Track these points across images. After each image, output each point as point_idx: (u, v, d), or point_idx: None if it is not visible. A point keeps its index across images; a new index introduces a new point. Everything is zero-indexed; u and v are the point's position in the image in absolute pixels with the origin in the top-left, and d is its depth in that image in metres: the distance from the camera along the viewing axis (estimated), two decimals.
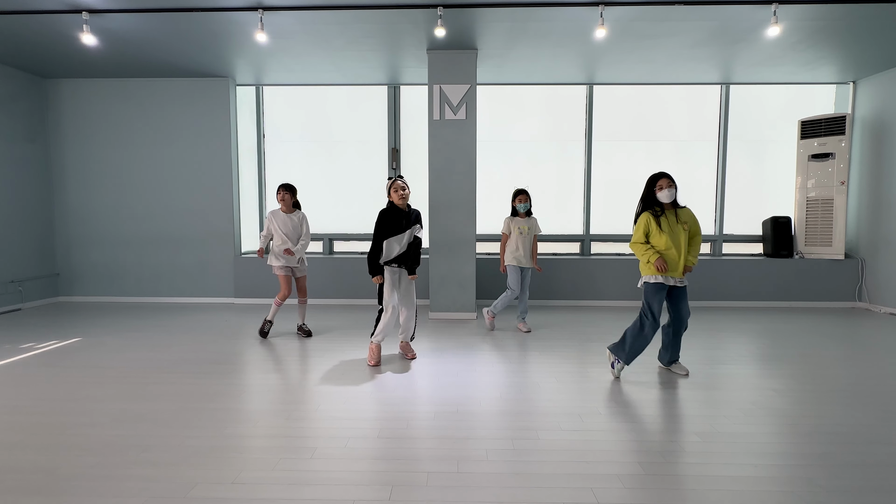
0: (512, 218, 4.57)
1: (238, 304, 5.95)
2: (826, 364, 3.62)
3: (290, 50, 4.95)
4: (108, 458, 2.18)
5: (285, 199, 4.22)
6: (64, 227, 6.12)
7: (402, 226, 3.47)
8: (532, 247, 4.52)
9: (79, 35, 4.35)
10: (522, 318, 4.63)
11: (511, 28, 4.41)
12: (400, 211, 3.48)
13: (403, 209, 3.48)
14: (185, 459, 2.16)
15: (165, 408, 2.74)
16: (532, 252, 4.53)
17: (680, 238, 3.14)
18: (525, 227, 4.48)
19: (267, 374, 3.37)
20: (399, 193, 3.45)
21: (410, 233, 3.49)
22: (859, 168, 5.94)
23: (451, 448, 2.28)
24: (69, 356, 3.74)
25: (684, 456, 2.21)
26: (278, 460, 2.15)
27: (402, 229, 3.46)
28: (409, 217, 3.51)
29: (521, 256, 4.47)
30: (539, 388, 3.07)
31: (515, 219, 4.54)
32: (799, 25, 4.33)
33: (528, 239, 4.49)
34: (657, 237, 3.15)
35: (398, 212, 3.47)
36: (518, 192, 4.54)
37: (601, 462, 2.15)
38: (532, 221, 4.54)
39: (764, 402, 2.85)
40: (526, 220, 4.53)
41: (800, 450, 2.27)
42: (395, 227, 3.46)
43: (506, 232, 4.58)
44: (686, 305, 3.24)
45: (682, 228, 3.15)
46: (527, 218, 4.54)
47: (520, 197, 4.51)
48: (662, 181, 3.16)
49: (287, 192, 4.23)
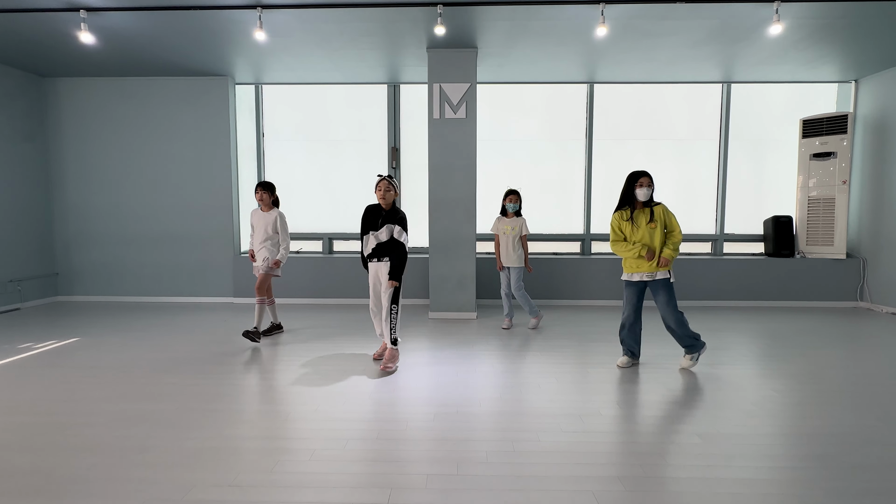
0: (500, 218, 4.66)
1: (237, 304, 5.93)
2: (827, 364, 3.60)
3: (289, 48, 4.93)
4: (105, 459, 2.17)
5: (263, 198, 4.18)
6: (63, 226, 6.11)
7: (377, 223, 3.51)
8: (518, 247, 4.54)
9: (77, 33, 4.33)
10: (508, 316, 4.75)
11: (511, 26, 4.39)
12: (379, 208, 3.54)
13: (385, 208, 3.53)
14: (183, 461, 2.15)
15: (164, 408, 2.73)
16: (522, 252, 4.56)
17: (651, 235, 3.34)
18: (508, 228, 4.55)
19: (265, 374, 3.36)
20: (379, 193, 3.51)
21: (387, 231, 3.48)
22: (861, 167, 5.91)
23: (451, 450, 2.26)
24: (67, 356, 3.73)
25: (686, 458, 2.20)
26: (276, 462, 2.14)
27: (377, 225, 3.50)
28: (386, 216, 3.53)
29: (503, 256, 4.59)
30: (539, 389, 3.06)
31: (502, 219, 4.63)
32: (800, 24, 4.31)
33: (513, 239, 4.53)
34: (633, 232, 3.37)
35: (377, 209, 3.55)
36: (508, 192, 4.60)
37: (602, 464, 2.14)
38: (518, 222, 4.57)
39: (765, 402, 2.84)
40: (512, 220, 4.57)
41: (801, 451, 2.26)
42: (370, 223, 3.54)
43: (494, 232, 4.69)
44: (662, 299, 3.33)
45: (650, 227, 3.34)
46: (513, 218, 4.58)
47: (509, 197, 4.57)
48: (644, 179, 3.36)
49: (265, 192, 4.19)
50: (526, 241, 4.60)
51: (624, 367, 3.47)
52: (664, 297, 3.33)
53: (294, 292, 6.00)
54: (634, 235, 3.37)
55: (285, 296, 5.99)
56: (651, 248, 3.32)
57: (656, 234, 3.34)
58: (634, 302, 3.44)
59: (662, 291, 3.33)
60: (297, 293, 6.00)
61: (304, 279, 6.00)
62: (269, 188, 4.22)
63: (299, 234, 6.39)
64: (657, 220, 3.36)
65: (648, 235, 3.33)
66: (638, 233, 3.35)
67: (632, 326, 3.48)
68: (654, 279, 3.34)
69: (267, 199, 4.19)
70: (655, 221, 3.34)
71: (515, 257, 4.56)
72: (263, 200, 4.18)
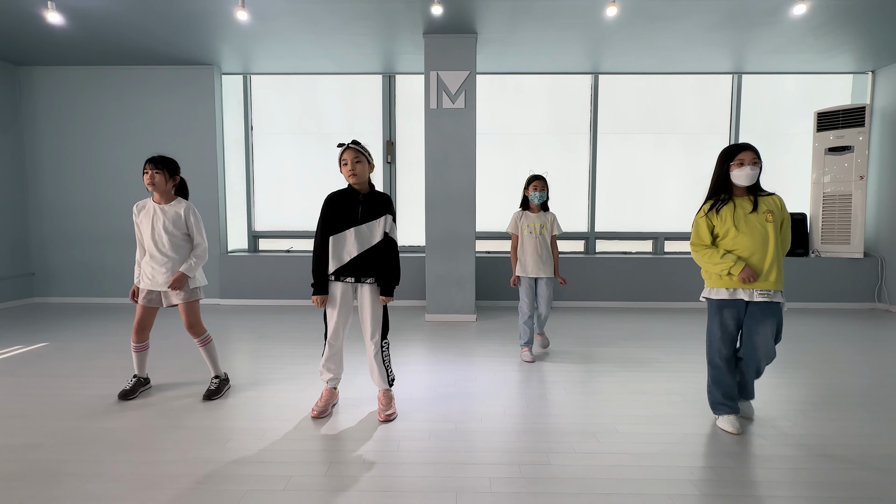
0: (522, 212, 3.53)
1: (224, 306, 5.61)
2: (843, 368, 3.32)
3: (275, 33, 4.62)
4: (44, 490, 1.85)
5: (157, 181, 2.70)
6: (38, 223, 5.77)
7: (357, 215, 2.34)
8: (549, 251, 3.50)
9: (44, 13, 4.01)
10: (539, 331, 3.66)
11: (514, 8, 4.09)
12: (352, 194, 2.37)
13: (361, 191, 2.39)
14: (138, 492, 1.84)
15: (123, 426, 2.42)
16: (553, 258, 3.52)
17: (763, 234, 2.25)
18: (536, 225, 3.45)
19: (244, 386, 3.04)
20: (346, 169, 2.32)
21: (373, 227, 2.36)
22: (879, 162, 5.63)
23: (449, 477, 1.96)
24: (30, 363, 3.41)
25: (720, 486, 1.90)
26: (245, 492, 1.83)
27: (357, 220, 2.34)
28: (368, 202, 2.37)
29: (529, 263, 3.46)
30: (546, 401, 2.76)
31: (526, 213, 3.52)
32: (825, 5, 4.02)
33: (542, 241, 3.46)
34: (724, 236, 2.32)
35: (349, 195, 2.37)
36: (533, 177, 3.47)
37: (622, 494, 1.84)
38: (548, 217, 3.51)
39: (775, 403, 2.54)
40: (539, 215, 3.49)
41: (850, 477, 1.96)
42: (343, 217, 2.34)
43: (513, 231, 3.54)
44: (768, 331, 2.26)
45: (765, 219, 2.27)
46: (541, 213, 3.51)
47: (535, 183, 3.44)
48: (744, 155, 2.27)
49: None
50: (556, 242, 3.56)
51: (736, 433, 2.34)
52: (771, 328, 2.27)
53: (284, 293, 5.69)
54: (730, 241, 2.30)
55: (276, 297, 5.68)
56: (752, 266, 2.25)
57: (769, 237, 2.24)
58: (733, 331, 2.34)
59: (771, 320, 2.26)
60: (287, 294, 5.69)
61: (294, 279, 5.68)
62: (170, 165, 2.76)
63: (290, 233, 6.08)
64: (773, 209, 2.28)
65: (752, 239, 2.25)
66: (739, 237, 2.27)
67: (730, 372, 2.38)
68: (766, 299, 2.24)
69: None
70: (771, 212, 2.26)
71: (546, 265, 3.47)
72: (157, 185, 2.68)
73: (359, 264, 2.35)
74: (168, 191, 2.75)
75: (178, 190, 2.84)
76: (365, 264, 2.36)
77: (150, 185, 2.68)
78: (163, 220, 2.69)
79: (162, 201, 2.74)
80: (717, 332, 2.36)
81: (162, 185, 2.70)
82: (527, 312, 3.49)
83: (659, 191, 5.96)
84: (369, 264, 2.37)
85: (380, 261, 2.38)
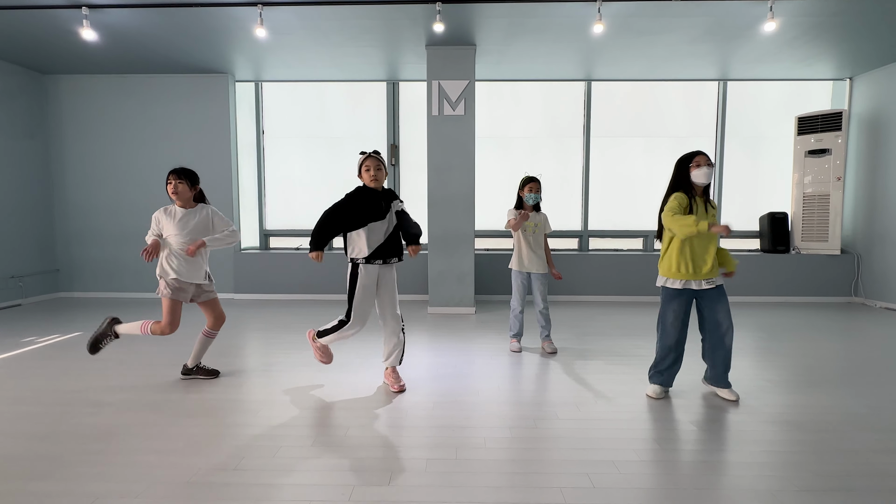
0: (516, 211, 3.70)
1: (238, 300, 5.97)
2: (821, 357, 3.66)
3: (289, 46, 4.97)
4: (111, 444, 2.21)
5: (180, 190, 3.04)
6: (64, 222, 6.14)
7: (382, 208, 2.82)
8: (542, 248, 3.73)
9: (78, 30, 4.37)
10: (546, 336, 3.78)
11: (510, 24, 4.44)
12: (375, 192, 2.85)
13: (378, 189, 2.87)
14: (187, 447, 2.19)
15: (169, 398, 2.77)
16: (546, 254, 3.76)
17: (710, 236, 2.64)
18: (531, 224, 3.66)
19: (266, 363, 3.40)
20: (368, 175, 2.81)
21: (391, 217, 2.86)
22: (856, 164, 5.97)
23: (450, 436, 2.31)
24: (71, 349, 3.77)
25: (680, 443, 2.25)
26: (278, 448, 2.18)
27: (383, 213, 2.81)
28: (385, 199, 2.86)
29: (526, 260, 3.70)
30: (536, 380, 3.11)
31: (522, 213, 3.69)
32: (795, 21, 4.36)
33: (536, 239, 3.69)
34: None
35: (373, 193, 2.84)
36: (528, 179, 3.67)
37: (597, 449, 2.19)
38: (541, 217, 3.72)
39: (758, 392, 2.89)
40: (533, 215, 3.70)
41: (792, 437, 2.31)
42: (370, 212, 2.79)
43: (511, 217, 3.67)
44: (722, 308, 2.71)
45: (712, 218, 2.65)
46: (534, 213, 3.72)
47: (530, 185, 3.64)
48: (700, 158, 2.66)
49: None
50: (547, 240, 3.80)
51: (657, 397, 2.80)
52: (725, 305, 2.71)
53: (294, 288, 6.04)
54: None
55: (286, 292, 6.03)
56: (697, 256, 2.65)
57: (714, 235, 2.63)
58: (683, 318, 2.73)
59: (722, 299, 2.71)
60: (296, 290, 6.04)
61: (303, 274, 6.04)
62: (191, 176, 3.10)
63: (300, 231, 6.43)
64: (715, 216, 2.68)
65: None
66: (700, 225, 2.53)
67: (674, 352, 2.76)
68: (712, 287, 2.67)
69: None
70: (715, 216, 2.67)
71: (541, 261, 3.71)
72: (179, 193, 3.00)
73: (384, 249, 2.83)
74: (190, 199, 3.06)
75: (196, 198, 3.15)
76: (389, 248, 2.85)
77: (174, 195, 2.99)
78: (190, 223, 2.98)
79: (185, 208, 3.04)
80: (670, 316, 2.75)
81: (185, 194, 3.02)
82: (518, 307, 3.75)
83: (649, 191, 6.29)
84: (393, 248, 2.87)
85: (398, 243, 2.90)
